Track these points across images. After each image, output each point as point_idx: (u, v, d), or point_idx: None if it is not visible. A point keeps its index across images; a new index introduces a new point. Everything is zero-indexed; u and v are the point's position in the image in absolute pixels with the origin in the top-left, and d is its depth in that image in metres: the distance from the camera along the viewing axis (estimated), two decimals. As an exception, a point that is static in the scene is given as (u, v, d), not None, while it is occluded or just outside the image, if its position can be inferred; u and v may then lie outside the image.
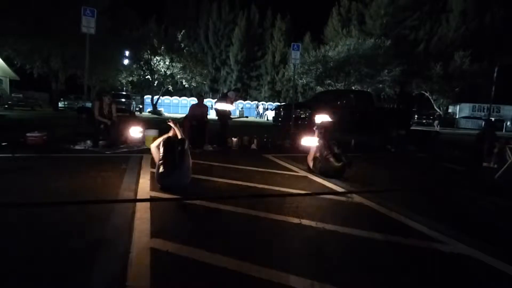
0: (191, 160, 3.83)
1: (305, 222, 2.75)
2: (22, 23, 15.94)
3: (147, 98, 29.52)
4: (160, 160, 3.59)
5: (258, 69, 46.54)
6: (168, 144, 3.68)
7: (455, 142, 11.64)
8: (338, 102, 10.48)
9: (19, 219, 2.57)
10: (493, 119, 25.72)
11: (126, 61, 25.54)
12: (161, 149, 3.67)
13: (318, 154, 4.88)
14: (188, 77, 26.35)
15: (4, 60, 20.73)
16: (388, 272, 2.02)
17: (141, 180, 3.88)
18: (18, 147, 5.58)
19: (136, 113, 22.21)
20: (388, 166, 6.37)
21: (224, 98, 7.80)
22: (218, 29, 46.85)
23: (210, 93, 44.07)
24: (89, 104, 8.64)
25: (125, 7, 25.42)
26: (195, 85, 28.78)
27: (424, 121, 30.11)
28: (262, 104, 36.97)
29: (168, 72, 25.46)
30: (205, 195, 3.41)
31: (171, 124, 4.26)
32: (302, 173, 4.92)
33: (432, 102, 32.69)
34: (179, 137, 4.02)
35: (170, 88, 27.80)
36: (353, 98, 10.78)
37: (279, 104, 27.18)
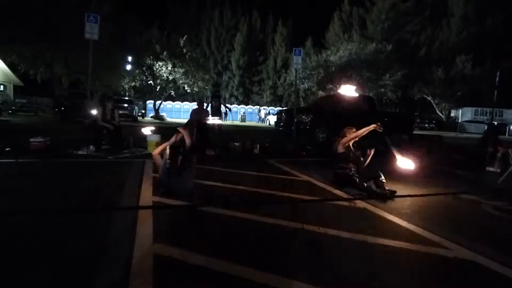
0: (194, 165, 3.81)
1: (308, 227, 2.74)
2: (26, 29, 16.11)
3: (150, 103, 29.64)
4: (163, 165, 3.58)
5: (259, 74, 46.64)
6: (174, 149, 3.66)
7: (458, 147, 11.58)
8: (340, 107, 10.48)
9: (22, 225, 2.58)
10: (495, 123, 25.62)
11: (128, 67, 25.70)
12: (167, 154, 3.63)
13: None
14: (190, 82, 26.48)
15: (8, 65, 20.92)
16: (391, 277, 2.00)
17: (143, 185, 3.88)
18: (21, 152, 5.61)
19: (138, 118, 22.28)
20: (391, 171, 6.33)
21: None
22: (220, 35, 47.13)
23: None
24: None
25: (128, 12, 25.66)
26: (197, 90, 28.90)
27: (427, 125, 30.07)
28: (264, 109, 37.04)
29: (170, 77, 25.60)
30: (207, 200, 3.41)
31: (181, 130, 3.89)
32: (305, 178, 4.92)
33: (434, 106, 32.62)
34: (188, 142, 3.79)
35: (172, 93, 27.94)
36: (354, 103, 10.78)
37: (281, 109, 27.25)
